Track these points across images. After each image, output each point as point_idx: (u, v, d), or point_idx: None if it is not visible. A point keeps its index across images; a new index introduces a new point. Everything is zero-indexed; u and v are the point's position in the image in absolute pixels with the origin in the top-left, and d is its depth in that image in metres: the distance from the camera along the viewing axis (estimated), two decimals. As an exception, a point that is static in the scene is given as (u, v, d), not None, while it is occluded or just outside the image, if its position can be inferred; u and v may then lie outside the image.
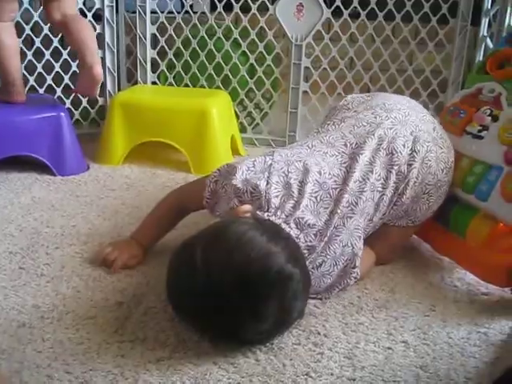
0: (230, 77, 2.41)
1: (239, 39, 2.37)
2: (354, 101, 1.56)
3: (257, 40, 2.36)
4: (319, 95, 2.41)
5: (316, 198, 1.26)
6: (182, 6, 2.46)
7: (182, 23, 2.39)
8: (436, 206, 1.41)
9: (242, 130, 2.46)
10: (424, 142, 1.37)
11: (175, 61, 2.43)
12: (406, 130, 1.38)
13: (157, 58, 2.45)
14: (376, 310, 1.27)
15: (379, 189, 1.31)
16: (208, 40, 2.37)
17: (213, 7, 2.41)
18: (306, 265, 1.18)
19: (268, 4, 2.33)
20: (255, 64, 2.39)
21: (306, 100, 2.41)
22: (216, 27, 2.37)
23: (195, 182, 1.46)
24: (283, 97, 2.44)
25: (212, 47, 2.38)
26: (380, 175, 1.32)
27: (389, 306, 1.28)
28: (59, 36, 2.34)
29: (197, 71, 2.43)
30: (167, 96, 2.29)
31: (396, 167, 1.33)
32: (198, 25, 2.38)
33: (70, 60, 2.37)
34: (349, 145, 1.36)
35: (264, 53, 2.37)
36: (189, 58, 2.42)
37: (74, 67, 2.38)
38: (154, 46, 2.45)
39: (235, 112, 2.38)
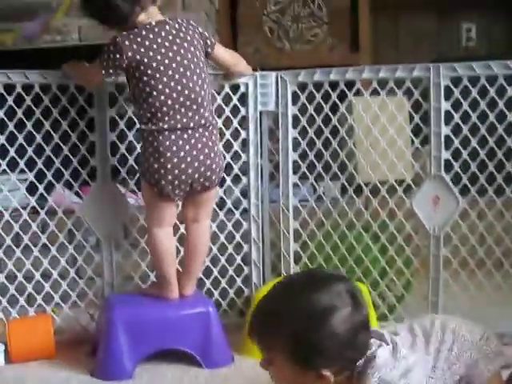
0: (370, 268, 2.49)
1: (378, 232, 2.47)
2: None
3: (395, 232, 2.45)
4: (460, 283, 2.43)
5: None
6: (314, 191, 2.61)
7: (316, 208, 2.52)
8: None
9: (383, 318, 2.49)
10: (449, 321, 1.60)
11: (317, 253, 2.55)
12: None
13: (299, 250, 2.58)
14: None
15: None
16: (348, 233, 2.49)
17: (344, 191, 2.56)
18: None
19: (404, 197, 2.43)
20: (394, 255, 2.46)
21: (446, 287, 2.43)
22: (347, 209, 2.49)
23: None
24: (422, 284, 2.48)
25: (352, 240, 2.49)
26: None
27: None
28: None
29: (337, 263, 2.52)
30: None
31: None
32: (331, 208, 2.50)
33: (219, 255, 2.54)
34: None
35: (403, 244, 2.45)
36: (330, 251, 2.53)
37: (215, 272, 2.56)
38: (296, 239, 2.58)
39: (374, 302, 2.44)
